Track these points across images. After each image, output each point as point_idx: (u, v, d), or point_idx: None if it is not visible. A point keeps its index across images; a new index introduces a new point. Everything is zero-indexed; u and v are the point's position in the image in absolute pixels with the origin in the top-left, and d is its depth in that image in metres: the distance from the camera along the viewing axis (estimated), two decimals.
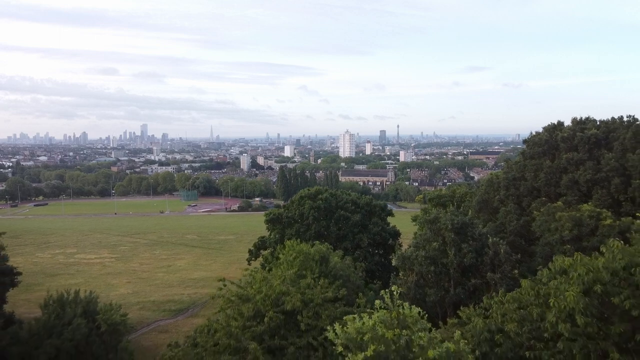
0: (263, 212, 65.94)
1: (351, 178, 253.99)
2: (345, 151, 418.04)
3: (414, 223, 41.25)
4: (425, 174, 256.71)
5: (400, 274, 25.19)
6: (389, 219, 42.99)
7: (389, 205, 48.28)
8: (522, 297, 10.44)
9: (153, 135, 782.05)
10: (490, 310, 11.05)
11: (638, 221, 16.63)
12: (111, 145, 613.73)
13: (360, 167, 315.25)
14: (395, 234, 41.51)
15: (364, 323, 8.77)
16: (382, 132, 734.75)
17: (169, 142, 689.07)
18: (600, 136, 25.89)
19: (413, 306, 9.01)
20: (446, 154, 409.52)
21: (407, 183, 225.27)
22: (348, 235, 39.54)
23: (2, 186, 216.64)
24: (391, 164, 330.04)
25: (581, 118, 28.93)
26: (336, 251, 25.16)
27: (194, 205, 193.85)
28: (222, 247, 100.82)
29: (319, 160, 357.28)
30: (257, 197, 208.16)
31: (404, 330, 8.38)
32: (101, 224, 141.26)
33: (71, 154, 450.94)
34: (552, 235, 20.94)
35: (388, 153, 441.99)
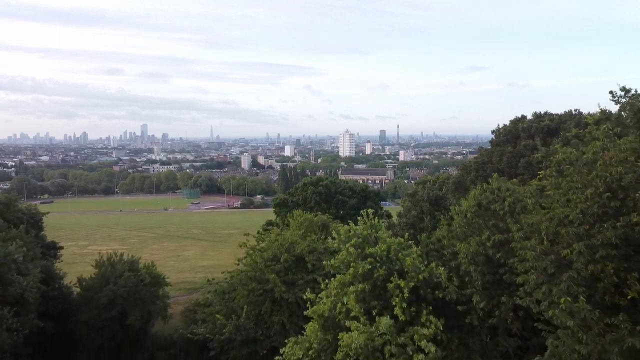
0: (265, 209, 70.97)
1: (351, 177, 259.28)
2: (345, 151, 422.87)
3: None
4: (424, 173, 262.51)
5: None
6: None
7: (388, 203, 53.81)
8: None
9: (153, 135, 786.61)
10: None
11: None
12: (112, 145, 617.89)
13: (360, 166, 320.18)
14: (388, 216, 47.03)
15: (350, 229, 14.33)
16: (382, 132, 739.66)
17: (169, 142, 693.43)
18: (552, 126, 31.44)
19: (381, 220, 14.57)
20: (446, 153, 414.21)
21: (405, 181, 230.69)
22: (345, 217, 45.03)
23: (7, 185, 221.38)
24: (391, 163, 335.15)
25: (540, 112, 34.63)
26: (334, 221, 30.70)
27: (196, 203, 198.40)
28: (227, 239, 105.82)
29: (319, 160, 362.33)
30: (259, 195, 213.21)
31: (373, 231, 13.96)
32: (108, 220, 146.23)
33: (72, 153, 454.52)
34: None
35: (388, 153, 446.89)
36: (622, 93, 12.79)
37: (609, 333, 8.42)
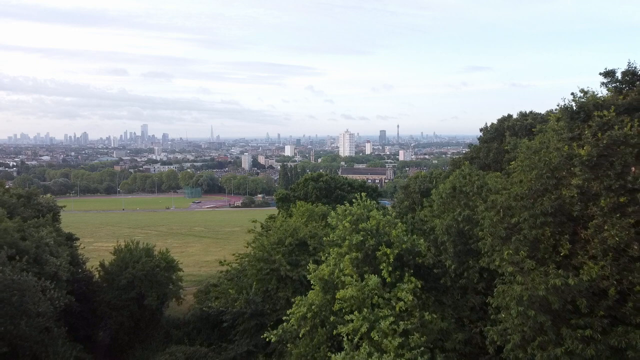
0: (266, 208, 73.28)
1: (351, 176, 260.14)
2: (345, 150, 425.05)
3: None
4: None
5: None
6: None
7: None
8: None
9: (153, 136, 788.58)
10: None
11: None
12: (112, 145, 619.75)
13: (360, 166, 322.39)
14: (385, 209, 49.77)
15: (346, 209, 16.99)
16: (382, 132, 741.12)
17: (169, 142, 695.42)
18: (534, 124, 34.10)
19: (372, 201, 17.21)
20: (445, 153, 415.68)
21: (405, 180, 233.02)
22: None
23: (10, 184, 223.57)
24: (390, 163, 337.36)
25: (525, 111, 37.30)
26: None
27: (198, 202, 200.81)
28: (230, 237, 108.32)
29: (319, 160, 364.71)
30: (260, 194, 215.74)
31: (365, 210, 16.62)
32: (111, 219, 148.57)
33: (73, 153, 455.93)
34: None
35: (388, 153, 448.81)
36: (582, 94, 15.50)
37: (539, 276, 11.05)
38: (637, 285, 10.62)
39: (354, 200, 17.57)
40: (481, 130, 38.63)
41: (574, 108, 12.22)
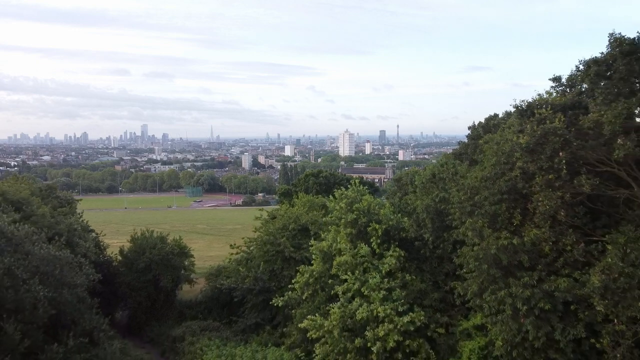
0: (267, 207, 75.67)
1: (350, 175, 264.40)
2: (344, 150, 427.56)
3: None
4: None
5: None
6: None
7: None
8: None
9: (153, 136, 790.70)
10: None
11: None
12: (112, 145, 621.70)
13: (360, 165, 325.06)
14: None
15: (342, 193, 20.01)
16: (382, 132, 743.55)
17: (169, 142, 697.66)
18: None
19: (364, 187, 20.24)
20: (445, 153, 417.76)
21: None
22: None
23: None
24: (390, 162, 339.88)
25: (509, 111, 40.49)
26: None
27: (199, 201, 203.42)
28: (232, 234, 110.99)
29: (319, 160, 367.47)
30: (260, 193, 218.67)
31: (358, 194, 19.63)
32: (114, 217, 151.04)
33: (73, 153, 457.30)
34: None
35: (387, 153, 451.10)
36: (547, 96, 18.52)
37: (492, 239, 14.04)
38: (569, 245, 13.64)
39: (349, 186, 20.59)
40: (469, 128, 41.69)
41: (524, 107, 15.24)
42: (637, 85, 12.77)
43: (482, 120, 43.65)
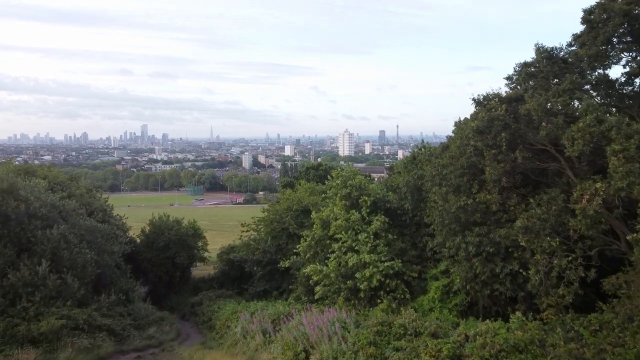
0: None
1: None
2: (344, 150, 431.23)
3: None
4: None
5: None
6: None
7: None
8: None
9: (153, 136, 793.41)
10: None
11: None
12: (112, 145, 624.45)
13: (359, 165, 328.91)
14: None
15: (339, 171, 24.14)
16: (382, 132, 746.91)
17: (169, 142, 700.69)
18: None
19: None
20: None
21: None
22: None
23: None
24: (389, 162, 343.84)
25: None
26: None
27: (200, 199, 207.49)
28: (234, 230, 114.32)
29: (319, 159, 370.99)
30: (261, 191, 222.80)
31: (352, 174, 23.76)
32: (119, 214, 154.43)
33: (74, 153, 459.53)
34: None
35: (387, 152, 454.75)
36: (499, 91, 22.58)
37: (453, 201, 18.14)
38: (512, 206, 17.75)
39: (344, 166, 24.66)
40: (455, 124, 45.90)
41: (480, 99, 19.39)
42: (553, 82, 16.93)
43: (468, 117, 48.28)
